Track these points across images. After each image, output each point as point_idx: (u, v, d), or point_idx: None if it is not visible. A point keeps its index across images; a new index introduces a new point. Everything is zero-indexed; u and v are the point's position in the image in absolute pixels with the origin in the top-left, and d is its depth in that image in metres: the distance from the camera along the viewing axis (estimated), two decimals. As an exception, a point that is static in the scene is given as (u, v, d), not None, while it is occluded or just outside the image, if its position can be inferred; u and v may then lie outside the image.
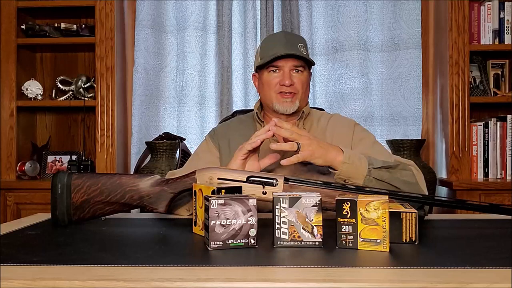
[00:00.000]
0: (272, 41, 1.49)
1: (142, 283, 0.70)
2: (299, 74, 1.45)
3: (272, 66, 1.45)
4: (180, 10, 2.72)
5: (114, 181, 1.17)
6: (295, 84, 1.44)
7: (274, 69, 1.45)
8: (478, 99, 2.44)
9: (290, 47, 1.43)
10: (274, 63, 1.44)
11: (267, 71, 1.46)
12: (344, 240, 0.90)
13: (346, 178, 1.25)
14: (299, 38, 1.51)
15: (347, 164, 1.23)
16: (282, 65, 1.44)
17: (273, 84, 1.45)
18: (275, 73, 1.45)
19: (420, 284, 0.69)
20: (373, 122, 2.64)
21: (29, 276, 0.73)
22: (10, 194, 2.46)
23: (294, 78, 1.44)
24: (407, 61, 2.61)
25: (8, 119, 2.59)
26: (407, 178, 1.28)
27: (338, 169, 1.24)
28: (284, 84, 1.43)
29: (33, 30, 2.60)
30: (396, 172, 1.28)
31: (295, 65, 1.44)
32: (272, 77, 1.45)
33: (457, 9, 2.39)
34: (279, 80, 1.44)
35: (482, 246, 0.93)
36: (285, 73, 1.43)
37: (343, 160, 1.23)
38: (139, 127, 2.69)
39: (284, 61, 1.43)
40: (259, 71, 1.51)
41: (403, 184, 1.27)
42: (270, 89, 1.46)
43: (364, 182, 1.24)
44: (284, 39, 1.46)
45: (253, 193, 1.08)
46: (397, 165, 1.29)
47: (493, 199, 2.21)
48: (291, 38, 1.48)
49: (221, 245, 0.90)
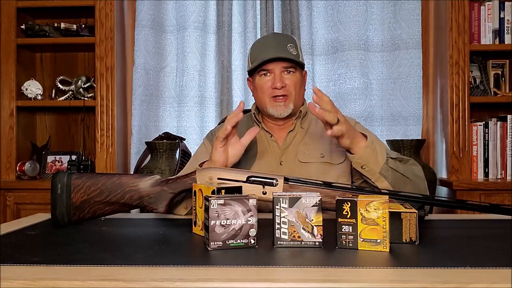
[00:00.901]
0: (261, 45, 1.49)
1: (142, 283, 0.70)
2: (290, 75, 1.45)
3: (263, 70, 1.45)
4: (180, 10, 2.72)
5: (114, 181, 1.17)
6: (287, 86, 1.43)
7: (265, 72, 1.45)
8: (478, 99, 2.44)
9: (279, 49, 1.42)
10: (264, 66, 1.44)
11: (259, 75, 1.46)
12: (344, 240, 0.90)
13: (364, 163, 1.26)
14: (288, 38, 1.50)
15: (369, 149, 1.25)
16: (272, 68, 1.43)
17: (265, 88, 1.45)
18: (267, 76, 1.45)
19: (420, 284, 0.69)
20: (373, 122, 2.64)
21: (29, 276, 0.73)
22: (10, 194, 2.46)
23: (286, 80, 1.44)
24: (407, 61, 2.61)
25: (8, 119, 2.59)
26: (418, 173, 1.33)
27: (358, 154, 1.25)
28: (276, 87, 1.42)
29: (33, 30, 2.60)
30: (408, 166, 1.32)
31: (285, 66, 1.43)
32: (264, 81, 1.45)
33: (457, 9, 2.39)
34: (271, 83, 1.44)
35: (482, 246, 0.93)
36: (276, 76, 1.43)
37: (366, 145, 1.25)
38: (139, 127, 2.69)
39: (274, 64, 1.43)
40: (252, 75, 1.51)
41: (416, 177, 1.31)
42: (263, 94, 1.46)
43: (381, 170, 1.25)
44: (273, 41, 1.46)
45: (253, 193, 1.08)
46: (408, 160, 1.34)
47: (493, 199, 2.21)
48: (280, 40, 1.47)
49: (221, 245, 0.90)
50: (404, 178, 1.27)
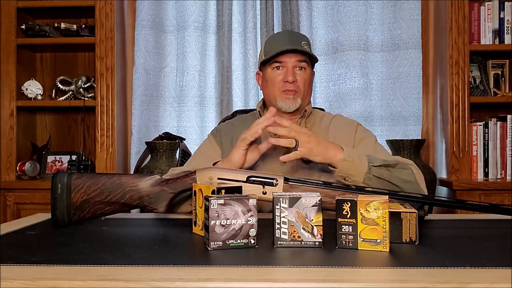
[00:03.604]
0: (276, 39, 1.51)
1: (142, 283, 0.70)
2: (302, 72, 1.46)
3: (276, 62, 1.46)
4: (180, 10, 2.72)
5: (114, 181, 1.17)
6: (297, 82, 1.45)
7: (278, 65, 1.46)
8: (478, 99, 2.44)
9: (294, 43, 1.44)
10: (277, 58, 1.45)
11: (271, 68, 1.47)
12: (344, 240, 0.90)
13: (346, 176, 1.25)
14: (302, 36, 1.52)
15: (348, 162, 1.24)
16: (286, 61, 1.45)
17: (276, 81, 1.46)
18: (279, 70, 1.46)
19: (420, 284, 0.69)
20: (373, 122, 2.64)
21: (29, 276, 0.73)
22: (10, 194, 2.46)
23: (297, 76, 1.45)
24: (407, 61, 2.61)
25: (8, 119, 2.59)
26: (406, 177, 1.29)
27: (338, 167, 1.25)
28: (287, 81, 1.43)
29: (33, 30, 2.60)
30: (395, 170, 1.28)
31: (298, 60, 1.45)
32: (275, 74, 1.46)
33: (457, 9, 2.39)
34: (283, 77, 1.45)
35: (482, 246, 0.93)
36: (289, 70, 1.44)
37: (343, 158, 1.24)
38: (139, 127, 2.69)
39: (288, 56, 1.44)
40: (263, 68, 1.51)
41: (403, 182, 1.27)
42: (274, 87, 1.47)
43: (364, 180, 1.24)
44: (288, 36, 1.49)
45: (253, 193, 1.08)
46: (396, 164, 1.30)
47: (493, 199, 2.21)
48: (294, 36, 1.50)
49: (221, 245, 0.90)
50: (390, 185, 1.25)
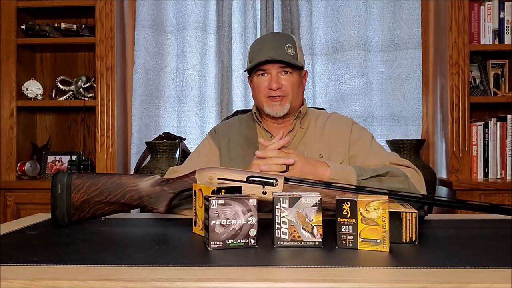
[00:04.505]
0: (259, 44, 1.49)
1: (142, 283, 0.70)
2: (287, 76, 1.45)
3: (260, 70, 1.45)
4: (180, 10, 2.72)
5: (114, 181, 1.17)
6: (283, 87, 1.44)
7: (262, 72, 1.45)
8: (478, 99, 2.44)
9: (276, 50, 1.42)
10: (261, 66, 1.44)
11: (256, 75, 1.47)
12: (344, 240, 0.90)
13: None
14: (287, 38, 1.48)
15: (335, 180, 1.23)
16: (269, 68, 1.44)
17: (262, 88, 1.46)
18: (264, 76, 1.45)
19: (420, 284, 0.69)
20: (373, 122, 2.64)
21: (29, 276, 0.73)
22: (10, 194, 2.46)
23: (282, 81, 1.44)
24: (407, 61, 2.61)
25: (8, 119, 2.59)
26: (398, 185, 1.28)
27: None
28: (271, 88, 1.43)
29: (33, 30, 2.60)
30: (387, 180, 1.28)
31: (282, 66, 1.43)
32: (261, 80, 1.46)
33: (457, 9, 2.39)
34: (268, 83, 1.44)
35: (482, 246, 0.93)
36: (273, 77, 1.43)
37: (330, 176, 1.25)
38: (139, 127, 2.69)
39: (271, 64, 1.43)
40: (250, 74, 1.52)
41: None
42: (260, 93, 1.47)
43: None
44: (271, 41, 1.46)
45: (253, 193, 1.08)
46: (387, 172, 1.29)
47: (493, 199, 2.21)
48: (278, 40, 1.46)
49: (221, 245, 0.90)
50: None
